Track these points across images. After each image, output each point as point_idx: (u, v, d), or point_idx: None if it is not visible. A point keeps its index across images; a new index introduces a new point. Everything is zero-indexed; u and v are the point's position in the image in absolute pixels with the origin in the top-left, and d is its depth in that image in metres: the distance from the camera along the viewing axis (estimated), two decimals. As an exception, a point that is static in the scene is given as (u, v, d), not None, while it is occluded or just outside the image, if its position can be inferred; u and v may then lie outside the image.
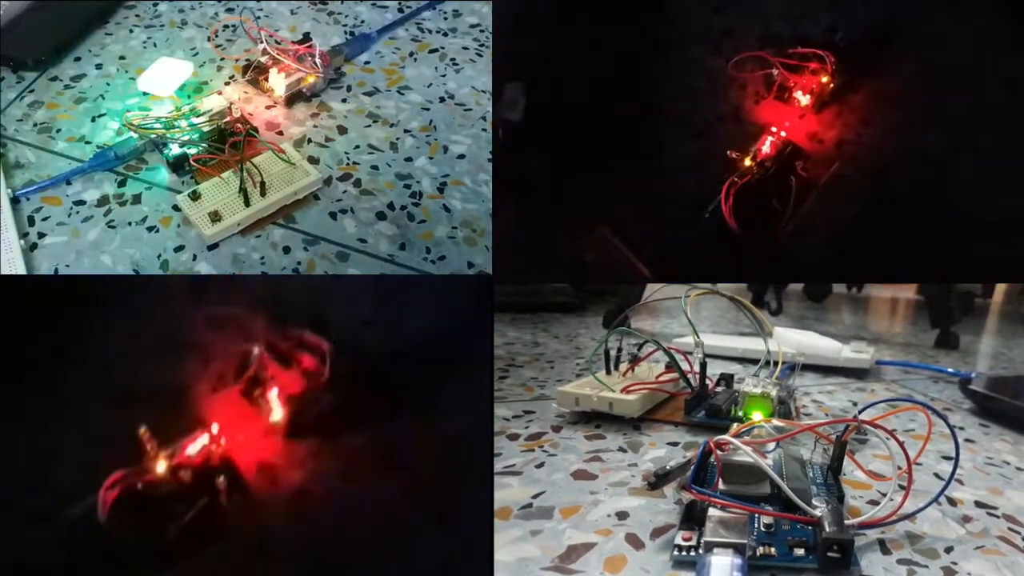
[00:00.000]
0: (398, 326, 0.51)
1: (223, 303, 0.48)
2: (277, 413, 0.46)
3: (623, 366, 0.83)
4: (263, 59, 0.80)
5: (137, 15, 0.90)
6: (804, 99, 0.73)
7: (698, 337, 0.77)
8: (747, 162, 0.71)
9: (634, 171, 0.76)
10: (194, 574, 0.38)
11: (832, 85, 0.72)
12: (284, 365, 0.47)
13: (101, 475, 0.40)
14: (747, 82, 0.75)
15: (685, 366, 0.79)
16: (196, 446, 0.43)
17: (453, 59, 0.87)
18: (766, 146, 0.71)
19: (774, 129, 0.72)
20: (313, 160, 0.74)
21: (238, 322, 0.47)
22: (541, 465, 0.60)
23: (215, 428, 0.44)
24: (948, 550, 0.47)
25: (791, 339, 1.07)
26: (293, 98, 0.80)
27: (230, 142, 0.71)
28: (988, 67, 0.71)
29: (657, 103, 0.77)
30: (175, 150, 0.72)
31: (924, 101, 0.72)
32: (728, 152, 0.71)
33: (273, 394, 0.46)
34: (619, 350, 0.84)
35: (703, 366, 0.77)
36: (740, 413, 0.71)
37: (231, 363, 0.47)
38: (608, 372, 0.82)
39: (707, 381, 0.78)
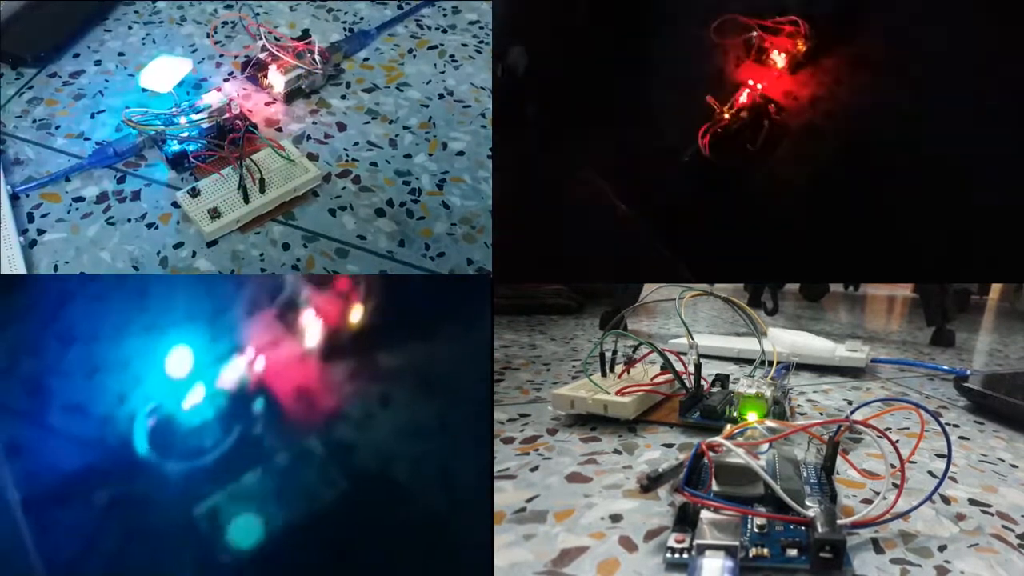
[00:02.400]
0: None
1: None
2: (312, 336, 0.46)
3: (619, 368, 0.83)
4: (262, 56, 0.80)
5: (136, 12, 0.90)
6: (780, 60, 0.77)
7: (692, 338, 0.77)
8: (725, 113, 0.76)
9: (621, 124, 0.83)
10: (236, 500, 0.39)
11: (807, 48, 0.77)
12: (318, 287, 0.46)
13: (138, 404, 0.42)
14: (729, 48, 0.80)
15: (680, 367, 0.79)
16: (232, 372, 0.43)
17: (452, 56, 0.88)
18: (743, 97, 0.76)
19: (751, 82, 0.77)
20: (312, 157, 0.74)
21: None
22: (535, 468, 0.60)
23: (252, 352, 0.44)
24: (941, 548, 0.47)
25: (786, 339, 1.08)
26: (292, 95, 0.80)
27: (229, 139, 0.71)
28: (956, 31, 0.76)
29: (646, 67, 0.84)
30: (174, 147, 0.72)
31: (894, 63, 0.76)
32: (707, 98, 0.77)
33: (308, 316, 0.46)
34: (614, 352, 0.84)
35: (698, 367, 0.77)
36: (735, 414, 0.71)
37: (265, 285, 0.47)
38: (603, 374, 0.82)
39: (702, 382, 0.78)
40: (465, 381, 0.55)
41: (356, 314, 0.45)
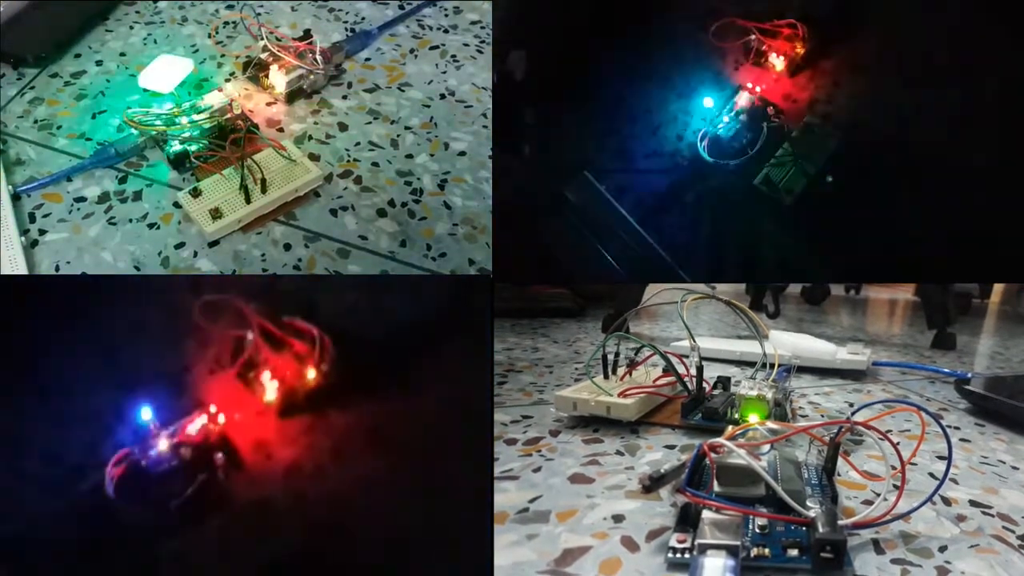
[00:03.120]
0: (383, 313, 0.55)
1: (219, 293, 0.52)
2: (270, 393, 0.49)
3: (621, 370, 0.83)
4: (264, 56, 0.80)
5: (137, 12, 0.90)
6: (779, 63, 0.78)
7: (694, 340, 0.77)
8: (725, 116, 0.77)
9: (619, 128, 0.82)
10: (195, 544, 0.42)
11: (805, 51, 0.78)
12: (276, 349, 0.50)
13: (108, 453, 0.45)
14: (728, 51, 0.81)
15: (682, 370, 0.79)
16: (195, 425, 0.47)
17: (454, 56, 0.88)
18: (742, 100, 0.77)
19: (750, 85, 0.77)
20: (314, 157, 0.74)
21: (233, 309, 0.50)
22: (538, 469, 0.61)
23: (213, 408, 0.48)
24: (942, 549, 0.47)
25: (787, 342, 1.07)
26: (294, 95, 0.80)
27: (231, 139, 0.71)
28: (954, 31, 0.77)
29: (645, 71, 0.84)
30: (176, 147, 0.72)
31: (889, 65, 0.78)
32: (705, 101, 0.78)
33: (266, 376, 0.50)
34: (617, 354, 0.84)
35: (700, 369, 0.77)
36: (736, 416, 0.71)
37: (227, 347, 0.51)
38: (606, 376, 0.82)
39: (704, 384, 0.78)
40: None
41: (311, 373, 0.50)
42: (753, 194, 0.75)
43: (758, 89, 0.77)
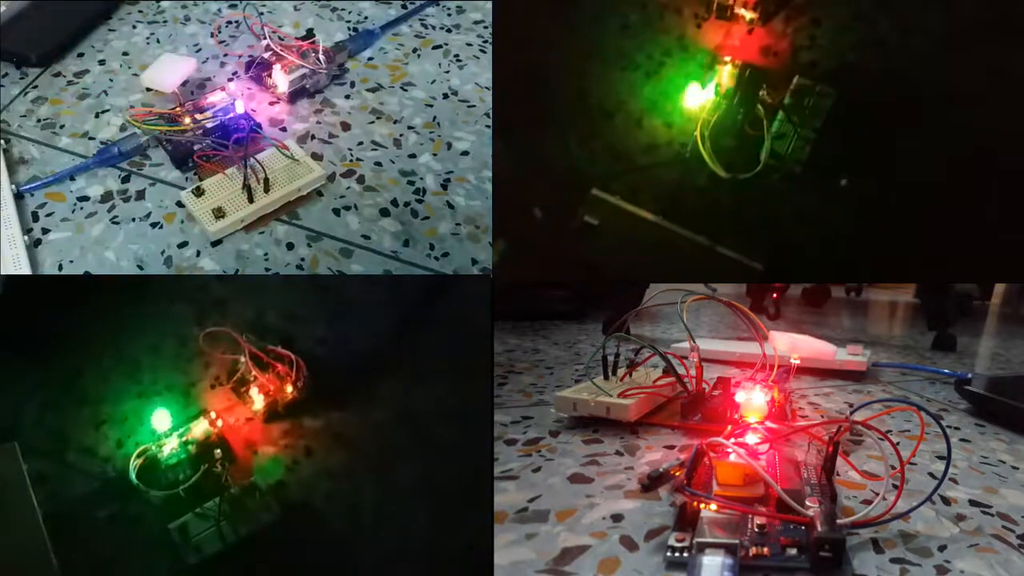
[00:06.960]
0: (346, 341, 0.66)
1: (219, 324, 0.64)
2: (258, 404, 0.60)
3: (621, 371, 0.84)
4: (266, 55, 0.80)
5: (140, 11, 0.91)
6: (748, 13, 0.69)
7: (694, 341, 0.78)
8: (712, 97, 0.68)
9: (599, 128, 0.72)
10: (200, 518, 0.52)
11: None
12: (263, 370, 0.60)
13: (132, 448, 0.56)
14: (683, 5, 0.70)
15: (682, 371, 0.79)
16: (199, 427, 0.58)
17: (456, 55, 0.88)
18: (724, 77, 0.69)
19: (727, 58, 0.69)
20: (316, 156, 0.74)
21: (229, 339, 0.61)
22: (538, 469, 0.61)
23: (213, 414, 0.59)
24: (941, 548, 0.48)
25: (787, 343, 1.08)
26: (296, 94, 0.80)
27: (233, 138, 0.71)
28: None
29: (595, 48, 0.72)
30: (179, 146, 0.72)
31: None
32: (687, 89, 0.69)
33: (255, 391, 0.60)
34: (617, 355, 0.84)
35: (699, 370, 0.77)
36: (736, 416, 0.71)
37: (224, 368, 0.63)
38: (606, 377, 0.82)
39: (704, 385, 0.78)
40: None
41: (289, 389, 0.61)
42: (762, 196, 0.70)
43: (738, 62, 0.68)
